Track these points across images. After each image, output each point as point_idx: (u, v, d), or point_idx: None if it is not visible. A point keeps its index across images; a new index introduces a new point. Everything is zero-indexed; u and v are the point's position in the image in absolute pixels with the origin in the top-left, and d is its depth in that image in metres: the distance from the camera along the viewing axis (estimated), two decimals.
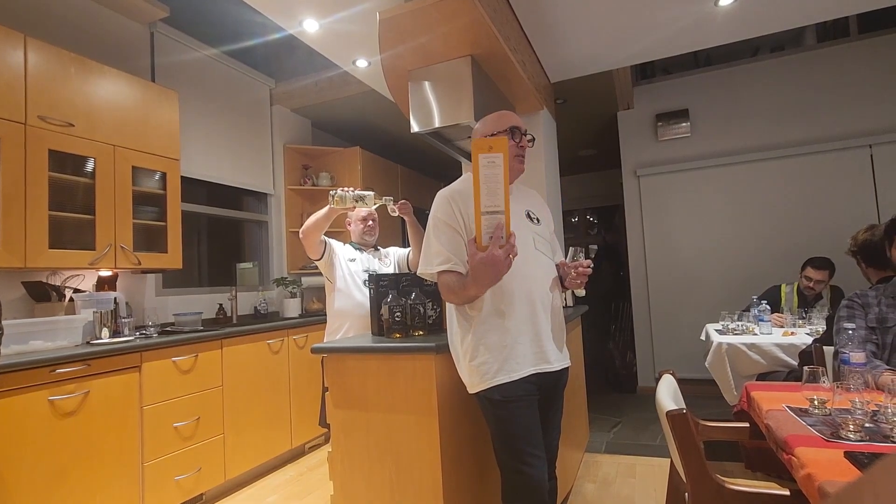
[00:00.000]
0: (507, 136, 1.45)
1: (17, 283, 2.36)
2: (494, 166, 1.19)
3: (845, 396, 1.20)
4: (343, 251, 2.37)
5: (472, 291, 1.33)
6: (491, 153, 1.19)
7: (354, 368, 1.61)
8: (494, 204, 1.21)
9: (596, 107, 4.41)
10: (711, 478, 1.31)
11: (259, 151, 3.96)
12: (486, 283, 1.29)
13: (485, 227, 1.22)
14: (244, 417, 2.79)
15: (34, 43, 2.24)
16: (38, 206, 2.21)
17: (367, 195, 2.15)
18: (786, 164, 4.01)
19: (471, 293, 1.34)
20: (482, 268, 1.24)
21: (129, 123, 2.63)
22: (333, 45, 2.68)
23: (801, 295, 3.24)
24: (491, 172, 1.20)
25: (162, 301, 3.09)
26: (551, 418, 1.53)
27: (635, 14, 2.59)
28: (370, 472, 1.57)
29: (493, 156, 1.19)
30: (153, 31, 3.13)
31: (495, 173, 1.20)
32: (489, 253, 1.22)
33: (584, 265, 1.43)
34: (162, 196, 2.80)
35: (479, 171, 1.19)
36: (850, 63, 3.89)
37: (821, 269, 3.01)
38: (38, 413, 1.91)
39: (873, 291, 1.76)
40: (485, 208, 1.21)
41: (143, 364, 2.30)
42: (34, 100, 2.22)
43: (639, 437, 3.29)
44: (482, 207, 1.21)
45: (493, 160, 1.19)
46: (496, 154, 1.19)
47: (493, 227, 1.22)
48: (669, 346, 4.36)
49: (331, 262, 2.31)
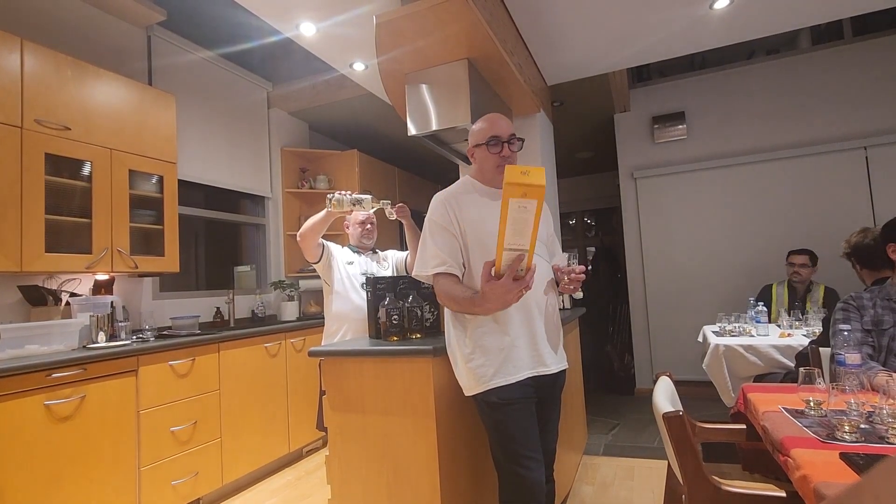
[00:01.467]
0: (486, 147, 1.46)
1: (13, 287, 2.35)
2: (526, 211, 1.14)
3: (841, 398, 1.21)
4: (341, 254, 2.36)
5: (477, 311, 1.34)
6: (525, 199, 1.12)
7: (352, 371, 1.61)
8: (520, 244, 1.19)
9: (592, 109, 4.42)
10: (708, 479, 1.31)
11: (256, 154, 3.96)
12: (493, 309, 1.30)
13: (505, 259, 1.21)
14: (241, 421, 2.78)
15: (31, 46, 2.24)
16: (35, 210, 2.20)
17: (365, 198, 2.15)
18: (781, 166, 4.03)
19: (475, 311, 1.35)
20: (493, 294, 1.24)
21: (126, 127, 2.63)
22: (330, 48, 2.68)
23: (791, 289, 3.33)
24: (521, 216, 1.15)
25: (159, 305, 3.08)
26: (549, 421, 1.53)
27: (631, 17, 2.61)
28: (367, 475, 1.57)
29: (527, 202, 1.13)
30: (150, 34, 3.13)
31: (525, 217, 1.15)
32: (504, 282, 1.22)
33: (578, 271, 1.43)
34: (159, 199, 2.80)
35: (509, 212, 1.14)
36: (844, 65, 3.91)
37: (800, 253, 3.28)
38: (33, 418, 1.90)
39: (868, 294, 1.77)
40: (508, 245, 1.18)
41: (140, 368, 2.29)
42: (30, 103, 2.22)
43: (637, 440, 3.29)
44: (506, 244, 1.18)
45: (526, 206, 1.13)
46: (530, 200, 1.13)
47: (512, 261, 1.21)
48: (667, 349, 4.37)
49: (329, 265, 2.31)
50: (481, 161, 1.51)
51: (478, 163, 1.52)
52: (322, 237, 2.30)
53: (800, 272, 3.25)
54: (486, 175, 1.51)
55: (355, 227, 2.41)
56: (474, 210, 1.46)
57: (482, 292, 1.26)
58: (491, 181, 1.50)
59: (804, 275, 3.25)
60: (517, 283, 1.22)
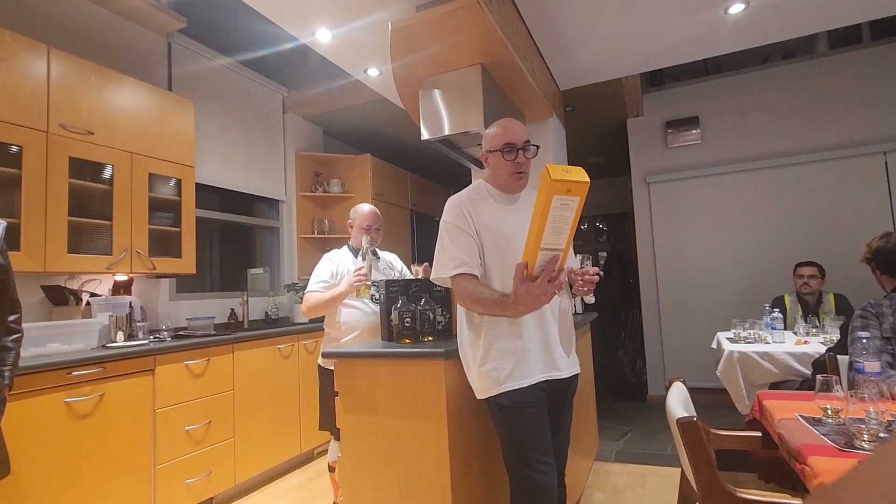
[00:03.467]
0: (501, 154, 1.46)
1: (36, 287, 2.41)
2: (568, 209, 1.16)
3: (859, 406, 1.19)
4: (343, 269, 2.26)
5: (508, 313, 1.33)
6: (568, 196, 1.14)
7: (364, 373, 1.63)
8: (556, 243, 1.19)
9: (605, 114, 4.41)
10: (723, 487, 1.30)
11: (271, 159, 4.02)
12: (525, 311, 1.29)
13: (540, 259, 1.21)
14: (254, 422, 2.81)
15: (57, 53, 2.31)
16: (58, 212, 2.27)
17: (369, 255, 2.20)
18: (798, 172, 3.97)
19: (505, 314, 1.34)
20: (528, 296, 1.23)
21: (146, 131, 2.69)
22: (345, 54, 2.72)
23: (802, 301, 3.29)
24: (562, 214, 1.16)
25: (175, 305, 3.13)
26: (560, 425, 1.53)
27: (645, 22, 2.60)
28: (379, 477, 1.58)
29: (570, 199, 1.14)
30: (170, 41, 3.20)
31: (566, 215, 1.16)
32: (540, 283, 1.21)
33: (591, 272, 1.42)
34: (177, 202, 2.86)
35: (551, 210, 1.14)
36: (863, 69, 3.86)
37: (808, 265, 3.25)
38: (54, 414, 1.95)
39: (888, 301, 1.74)
40: (545, 244, 1.19)
41: (157, 368, 2.33)
42: (56, 108, 2.29)
43: (649, 447, 3.25)
44: (543, 243, 1.18)
45: (568, 203, 1.15)
46: (573, 197, 1.14)
47: (546, 261, 1.21)
48: (680, 355, 4.31)
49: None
50: (495, 167, 1.50)
51: (491, 168, 1.52)
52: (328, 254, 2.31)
53: (809, 283, 3.22)
54: (499, 181, 1.51)
55: (360, 231, 2.33)
56: (489, 214, 1.46)
57: (516, 294, 1.25)
58: (505, 186, 1.51)
59: (814, 286, 3.22)
60: (551, 285, 1.22)
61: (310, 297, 2.20)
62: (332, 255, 2.32)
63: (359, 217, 2.33)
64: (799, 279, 3.28)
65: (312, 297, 2.19)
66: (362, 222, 2.32)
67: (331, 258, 2.30)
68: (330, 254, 2.33)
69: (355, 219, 2.34)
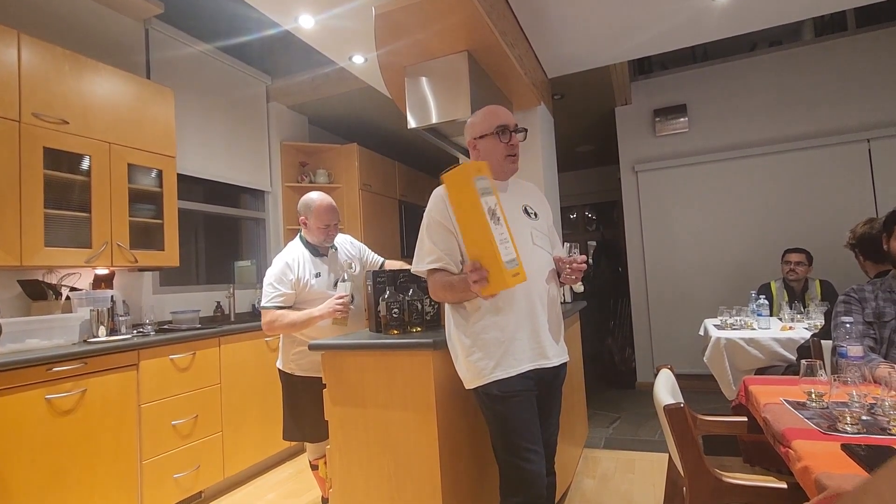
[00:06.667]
0: (495, 137, 1.46)
1: (13, 281, 2.35)
2: (489, 194, 1.25)
3: (843, 389, 1.20)
4: (306, 274, 2.03)
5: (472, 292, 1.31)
6: (480, 175, 1.24)
7: (352, 365, 1.61)
8: (500, 232, 1.25)
9: (593, 102, 4.40)
10: (709, 472, 1.31)
11: (256, 149, 3.94)
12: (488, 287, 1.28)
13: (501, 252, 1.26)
14: (242, 415, 2.79)
15: (28, 40, 2.22)
16: (34, 204, 2.20)
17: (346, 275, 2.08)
18: (784, 159, 4.01)
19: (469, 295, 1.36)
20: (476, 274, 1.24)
21: (125, 121, 2.62)
22: (329, 40, 2.66)
23: (788, 287, 3.33)
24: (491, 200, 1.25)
25: (159, 299, 3.08)
26: (550, 414, 1.53)
27: (632, 9, 2.58)
28: (369, 468, 1.57)
29: (482, 178, 1.25)
30: (148, 27, 3.10)
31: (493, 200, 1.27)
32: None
33: (579, 261, 1.42)
34: (158, 193, 2.79)
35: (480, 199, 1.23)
36: (848, 57, 3.88)
37: (796, 252, 3.28)
38: (34, 412, 1.90)
39: (870, 286, 1.76)
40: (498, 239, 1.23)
41: (141, 362, 2.29)
42: (28, 97, 2.21)
43: (638, 433, 3.30)
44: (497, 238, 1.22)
45: (487, 186, 1.26)
46: (483, 176, 1.26)
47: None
48: (668, 342, 4.37)
49: (303, 300, 2.05)
50: (487, 152, 1.49)
51: (482, 155, 1.50)
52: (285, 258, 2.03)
53: (796, 270, 3.25)
54: (491, 167, 1.49)
55: (317, 229, 2.05)
56: None
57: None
58: (497, 172, 1.49)
59: (800, 273, 3.25)
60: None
61: (274, 316, 1.96)
62: (290, 260, 2.02)
63: (314, 214, 2.03)
64: (786, 265, 3.31)
65: (278, 318, 1.95)
66: (319, 220, 2.03)
67: (290, 265, 2.01)
68: (286, 257, 2.03)
69: (309, 215, 2.04)
